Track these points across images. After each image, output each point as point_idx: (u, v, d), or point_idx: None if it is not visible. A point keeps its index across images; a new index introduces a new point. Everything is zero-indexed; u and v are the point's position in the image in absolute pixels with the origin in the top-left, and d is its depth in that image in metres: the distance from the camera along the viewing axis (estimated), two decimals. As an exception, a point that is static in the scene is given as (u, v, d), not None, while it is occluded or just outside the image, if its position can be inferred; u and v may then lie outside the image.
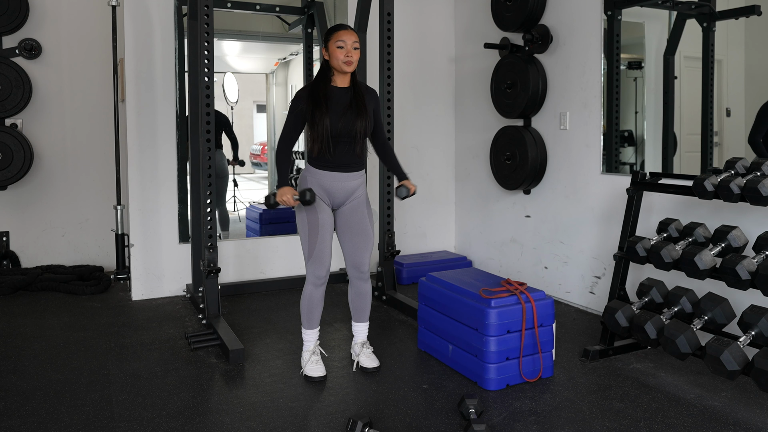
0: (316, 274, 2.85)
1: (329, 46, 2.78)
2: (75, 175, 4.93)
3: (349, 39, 2.75)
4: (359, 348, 3.06)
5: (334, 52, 2.76)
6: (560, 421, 2.48)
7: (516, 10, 4.23)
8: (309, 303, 2.91)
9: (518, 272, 4.57)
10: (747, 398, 2.67)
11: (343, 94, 2.81)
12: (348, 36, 2.76)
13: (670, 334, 2.67)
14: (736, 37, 3.32)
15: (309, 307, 2.92)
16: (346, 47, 2.74)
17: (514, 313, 2.80)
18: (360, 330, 3.08)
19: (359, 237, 2.92)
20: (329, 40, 2.78)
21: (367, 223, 2.94)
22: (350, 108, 2.78)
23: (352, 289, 3.03)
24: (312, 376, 2.88)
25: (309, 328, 2.96)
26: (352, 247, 2.93)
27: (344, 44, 2.74)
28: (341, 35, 2.76)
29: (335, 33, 2.78)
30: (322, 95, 2.76)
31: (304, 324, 2.96)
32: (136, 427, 2.43)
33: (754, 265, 2.58)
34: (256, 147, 6.49)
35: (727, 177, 2.73)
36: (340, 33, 2.76)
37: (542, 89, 4.21)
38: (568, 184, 4.12)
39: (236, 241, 4.63)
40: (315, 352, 2.96)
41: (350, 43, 2.75)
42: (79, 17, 4.86)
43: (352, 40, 2.76)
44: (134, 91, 4.19)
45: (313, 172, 2.84)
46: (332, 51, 2.76)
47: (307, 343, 2.97)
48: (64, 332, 3.57)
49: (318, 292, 2.90)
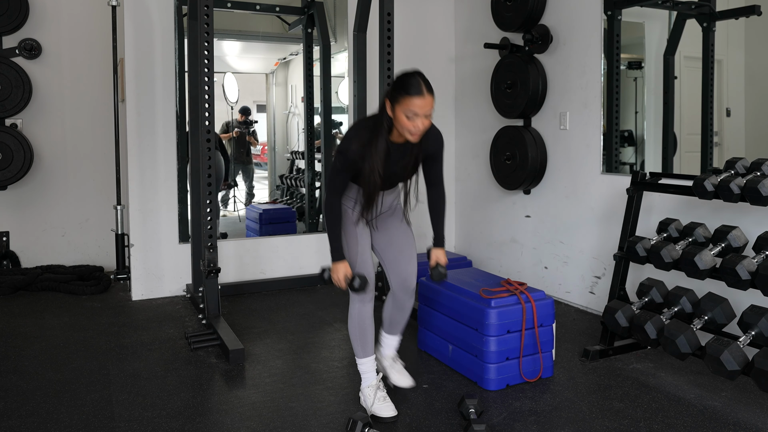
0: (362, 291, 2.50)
1: (396, 110, 2.24)
2: (75, 175, 4.93)
3: (422, 110, 2.21)
4: (389, 362, 2.77)
5: (399, 118, 2.24)
6: (560, 421, 2.48)
7: (516, 10, 4.23)
8: (360, 324, 2.52)
9: (518, 272, 4.57)
10: (747, 398, 2.67)
11: (400, 149, 2.38)
12: (422, 106, 2.20)
13: (670, 334, 2.67)
14: (736, 37, 3.32)
15: (361, 329, 2.53)
16: (416, 118, 2.23)
17: (514, 313, 2.80)
18: (391, 343, 2.78)
19: (402, 250, 2.63)
20: (397, 102, 2.23)
21: (410, 234, 2.67)
22: (402, 162, 2.40)
23: (393, 302, 2.68)
24: (382, 417, 2.46)
25: (364, 356, 2.55)
26: (396, 260, 2.61)
27: (414, 116, 2.22)
28: (414, 105, 2.20)
29: (407, 99, 2.20)
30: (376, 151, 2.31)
31: (357, 352, 2.56)
32: (136, 427, 2.43)
33: (754, 265, 2.58)
34: (253, 148, 6.48)
35: (727, 177, 2.73)
36: (413, 102, 2.19)
37: (542, 89, 4.21)
38: (568, 184, 4.12)
39: (236, 241, 4.63)
40: (380, 387, 2.52)
41: (422, 113, 2.22)
42: (79, 17, 4.86)
43: (425, 111, 2.22)
44: (134, 91, 4.19)
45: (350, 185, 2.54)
46: (398, 115, 2.24)
47: (366, 376, 2.56)
48: (64, 332, 3.57)
49: (367, 309, 2.53)
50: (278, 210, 5.31)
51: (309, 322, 3.79)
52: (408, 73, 2.28)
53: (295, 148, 5.75)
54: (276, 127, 5.88)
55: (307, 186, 5.22)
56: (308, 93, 5.15)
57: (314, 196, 5.20)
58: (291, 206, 5.45)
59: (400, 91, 2.23)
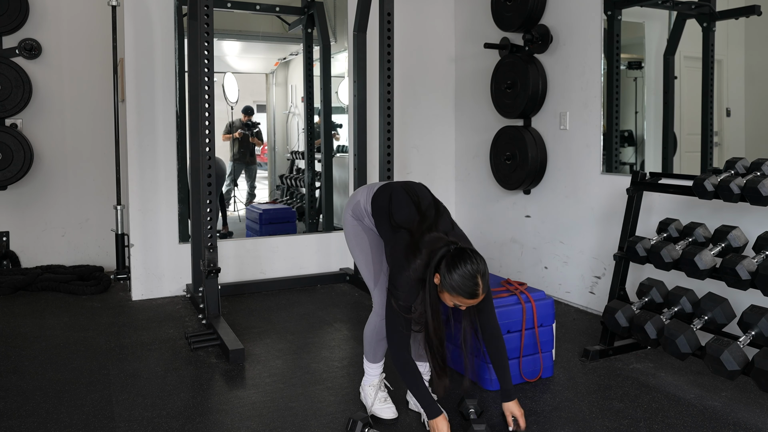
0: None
1: (443, 291, 2.15)
2: (75, 175, 4.93)
3: (466, 306, 2.20)
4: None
5: (443, 296, 2.18)
6: (560, 421, 2.47)
7: (516, 10, 4.23)
8: (377, 335, 2.52)
9: (518, 272, 4.57)
10: (747, 398, 2.67)
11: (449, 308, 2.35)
12: (469, 304, 2.17)
13: (670, 334, 2.67)
14: (736, 37, 3.32)
15: (377, 340, 2.53)
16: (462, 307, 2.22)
17: (514, 313, 2.80)
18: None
19: None
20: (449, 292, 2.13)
21: None
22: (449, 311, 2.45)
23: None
24: (383, 418, 2.51)
25: (374, 362, 2.60)
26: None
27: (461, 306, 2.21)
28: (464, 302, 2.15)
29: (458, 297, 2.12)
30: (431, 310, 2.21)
31: (368, 356, 2.60)
32: (136, 427, 2.43)
33: (754, 265, 2.58)
34: (256, 148, 6.48)
35: (727, 177, 2.73)
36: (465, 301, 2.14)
37: (542, 89, 4.21)
38: (568, 184, 4.12)
39: (236, 241, 4.63)
40: (381, 388, 2.61)
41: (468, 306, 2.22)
42: (79, 17, 4.86)
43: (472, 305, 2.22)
44: (134, 91, 4.19)
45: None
46: (443, 294, 2.17)
47: (370, 376, 2.62)
48: (64, 332, 3.57)
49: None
50: (278, 210, 5.31)
51: (309, 322, 3.79)
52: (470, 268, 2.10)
53: (295, 148, 5.76)
54: (276, 127, 5.88)
55: (307, 186, 5.23)
56: (308, 93, 5.15)
57: (314, 196, 5.20)
58: (291, 206, 5.45)
59: (456, 288, 2.10)
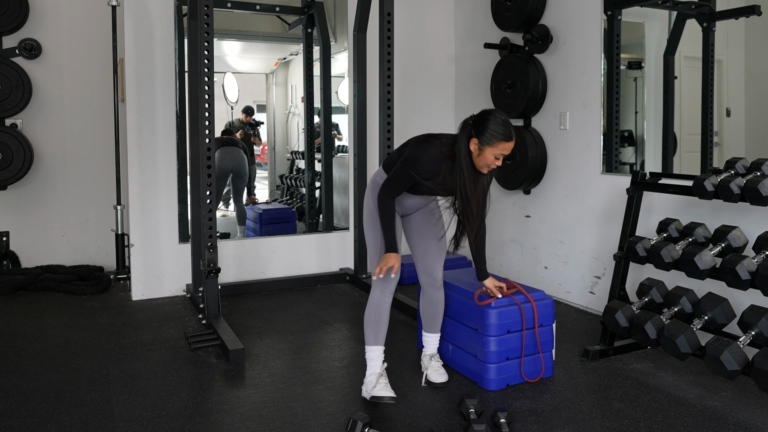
0: (383, 279, 2.60)
1: (484, 149, 2.43)
2: (75, 175, 4.93)
3: (507, 152, 2.45)
4: (428, 361, 2.88)
5: (486, 156, 2.44)
6: (560, 421, 2.48)
7: (516, 10, 4.23)
8: (377, 312, 2.62)
9: (518, 272, 4.57)
10: (747, 398, 2.67)
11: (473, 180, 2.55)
12: (510, 148, 2.45)
13: (670, 334, 2.67)
14: (736, 37, 3.32)
15: (377, 317, 2.62)
16: (500, 159, 2.46)
17: (515, 314, 2.80)
18: (430, 341, 2.91)
19: (431, 241, 2.76)
20: (490, 144, 2.41)
21: (440, 227, 2.75)
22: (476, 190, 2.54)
23: (424, 297, 2.88)
24: (381, 396, 2.56)
25: (375, 344, 2.64)
26: (424, 252, 2.77)
27: (501, 156, 2.45)
28: (506, 148, 2.43)
29: (501, 144, 2.41)
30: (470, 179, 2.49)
31: (368, 339, 2.65)
32: (136, 427, 2.43)
33: (754, 265, 2.58)
34: (256, 147, 6.48)
35: (727, 177, 2.73)
36: (506, 146, 2.42)
37: (542, 89, 4.21)
38: (568, 184, 4.12)
39: (236, 241, 4.63)
40: (383, 375, 2.64)
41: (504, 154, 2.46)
42: (79, 17, 4.86)
43: (507, 153, 2.47)
44: (134, 91, 4.19)
45: None
46: (484, 153, 2.43)
47: (372, 363, 2.64)
48: (64, 332, 3.57)
49: (386, 300, 2.64)
50: (278, 210, 5.31)
51: (309, 322, 3.79)
52: (498, 117, 2.45)
53: (295, 148, 5.75)
54: (276, 127, 5.87)
55: (307, 186, 5.23)
56: (308, 93, 5.15)
57: (314, 196, 5.20)
58: (291, 206, 5.45)
59: (495, 135, 2.41)
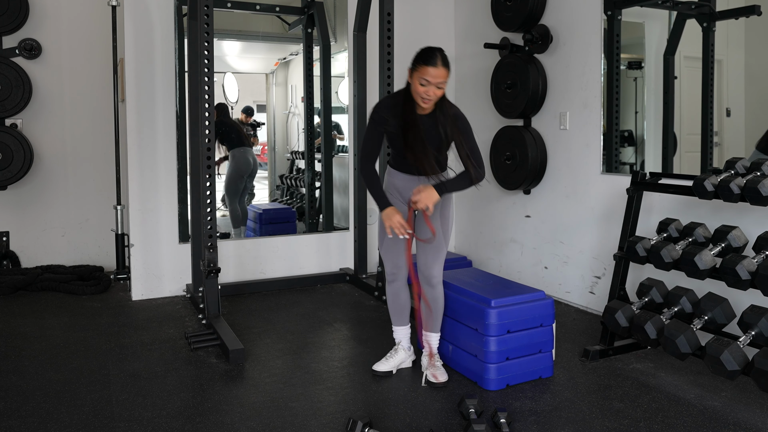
0: (386, 269, 2.92)
1: (413, 76, 2.55)
2: (75, 175, 4.93)
3: (435, 79, 2.50)
4: (428, 360, 2.92)
5: (415, 85, 2.54)
6: (560, 421, 2.48)
7: (516, 10, 4.23)
8: (393, 296, 2.95)
9: (518, 272, 4.57)
10: (747, 398, 2.67)
11: (426, 121, 2.64)
12: (434, 75, 2.50)
13: (670, 334, 2.67)
14: (736, 37, 3.32)
15: (393, 300, 2.95)
16: (429, 86, 2.52)
17: (514, 313, 2.80)
18: (429, 340, 2.95)
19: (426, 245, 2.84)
20: (414, 69, 2.54)
21: (438, 228, 2.81)
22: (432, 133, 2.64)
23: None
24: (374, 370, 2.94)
25: (396, 325, 2.99)
26: (422, 252, 2.85)
27: (427, 84, 2.51)
28: (428, 72, 2.50)
29: (422, 68, 2.51)
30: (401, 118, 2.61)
31: (394, 320, 3.00)
32: (136, 427, 2.43)
33: (754, 265, 2.58)
34: (256, 147, 6.48)
35: (727, 177, 2.73)
36: (427, 70, 2.50)
37: (542, 89, 4.21)
38: (568, 184, 4.12)
39: (236, 241, 4.63)
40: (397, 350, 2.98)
41: (435, 82, 2.51)
42: (79, 17, 4.86)
43: (438, 81, 2.51)
44: (134, 91, 4.19)
45: (389, 171, 2.88)
46: (414, 83, 2.55)
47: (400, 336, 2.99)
48: (64, 332, 3.57)
49: (391, 288, 2.94)
50: (278, 210, 5.31)
51: (309, 322, 3.79)
52: (429, 47, 2.58)
53: (295, 148, 5.75)
54: (276, 127, 5.88)
55: (307, 186, 5.22)
56: (308, 93, 5.15)
57: (314, 196, 5.20)
58: (291, 206, 5.45)
59: (418, 60, 2.55)
